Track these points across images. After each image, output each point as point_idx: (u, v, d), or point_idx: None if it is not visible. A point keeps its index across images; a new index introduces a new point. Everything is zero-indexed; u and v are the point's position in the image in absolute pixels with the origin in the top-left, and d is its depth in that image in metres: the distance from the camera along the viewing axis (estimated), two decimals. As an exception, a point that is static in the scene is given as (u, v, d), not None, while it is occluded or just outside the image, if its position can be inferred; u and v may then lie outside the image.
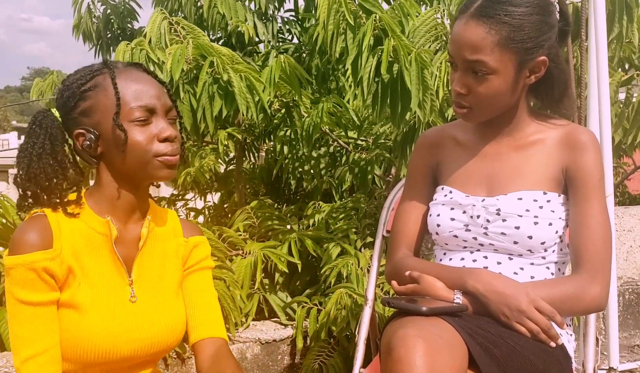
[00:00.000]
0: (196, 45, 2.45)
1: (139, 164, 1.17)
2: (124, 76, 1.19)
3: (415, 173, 1.54)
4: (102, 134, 1.17)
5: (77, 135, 1.18)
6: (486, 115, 1.37)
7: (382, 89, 2.32)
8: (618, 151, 3.68)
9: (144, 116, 1.17)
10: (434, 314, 1.19)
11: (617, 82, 3.04)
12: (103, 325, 1.14)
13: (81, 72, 1.20)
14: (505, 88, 1.32)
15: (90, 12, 3.76)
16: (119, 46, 2.48)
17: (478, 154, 1.44)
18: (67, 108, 1.18)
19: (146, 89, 1.19)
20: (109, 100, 1.16)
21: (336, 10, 2.35)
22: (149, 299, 1.22)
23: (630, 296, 3.44)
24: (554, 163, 1.37)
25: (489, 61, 1.28)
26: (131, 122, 1.16)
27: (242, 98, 2.39)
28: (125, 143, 1.15)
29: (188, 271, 1.32)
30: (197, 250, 1.33)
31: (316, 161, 3.40)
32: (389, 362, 1.09)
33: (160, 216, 1.31)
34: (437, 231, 1.43)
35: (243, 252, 2.67)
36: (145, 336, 1.19)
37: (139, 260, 1.23)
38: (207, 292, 1.32)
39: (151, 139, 1.17)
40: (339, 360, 2.42)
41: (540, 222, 1.33)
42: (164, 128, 1.18)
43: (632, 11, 2.88)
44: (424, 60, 2.23)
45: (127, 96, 1.17)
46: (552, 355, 1.25)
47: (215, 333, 1.29)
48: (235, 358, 1.29)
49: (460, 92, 1.33)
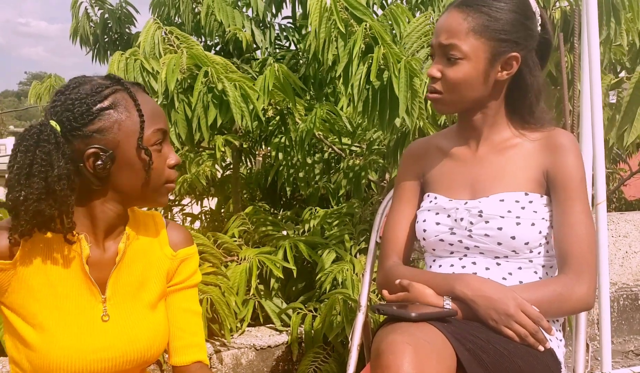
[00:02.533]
0: (190, 55, 2.47)
1: (150, 189, 1.14)
2: (139, 95, 1.14)
3: (403, 183, 1.57)
4: (118, 155, 1.11)
5: (89, 155, 1.09)
6: (456, 103, 1.40)
7: (372, 96, 2.35)
8: (614, 157, 3.70)
9: (161, 138, 1.15)
10: (423, 320, 1.19)
11: (607, 85, 3.04)
12: (71, 344, 1.11)
13: (94, 88, 1.11)
14: (475, 75, 1.35)
15: (88, 16, 3.78)
16: (114, 56, 2.50)
17: (461, 160, 1.47)
18: (79, 124, 1.08)
19: (159, 110, 1.17)
20: (132, 121, 1.11)
21: (327, 18, 2.37)
22: (123, 316, 1.17)
23: (624, 302, 3.45)
24: (534, 165, 1.39)
25: (461, 45, 1.33)
26: (151, 145, 1.13)
27: (236, 107, 2.40)
28: (149, 168, 1.12)
29: (173, 288, 1.27)
30: (185, 265, 1.28)
31: (311, 167, 3.42)
32: (377, 368, 1.10)
33: (142, 223, 1.26)
34: (423, 236, 1.45)
35: (238, 258, 2.68)
36: (117, 354, 1.15)
37: (115, 276, 1.18)
38: (192, 312, 1.29)
39: (164, 163, 1.16)
40: (334, 365, 2.43)
41: (523, 222, 1.34)
42: (172, 154, 1.17)
43: (619, 13, 2.89)
44: (413, 68, 2.26)
45: (148, 118, 1.13)
46: (541, 360, 1.26)
47: (197, 356, 1.27)
48: None
49: (434, 75, 1.37)
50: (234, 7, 3.38)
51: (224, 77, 2.41)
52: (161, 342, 1.22)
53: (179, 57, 2.43)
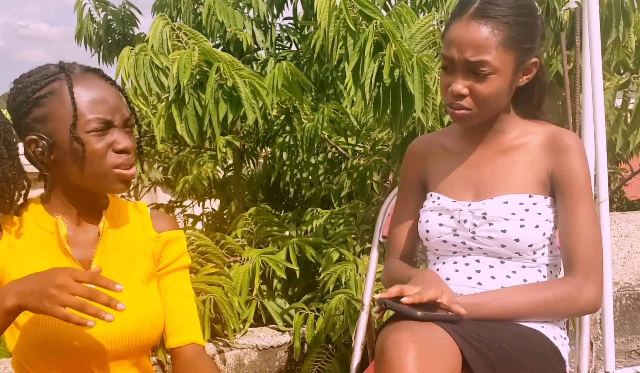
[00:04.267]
0: (202, 51, 2.46)
1: (95, 175, 1.16)
2: (81, 83, 1.15)
3: (406, 182, 1.57)
4: (56, 143, 1.15)
5: (29, 141, 1.15)
6: (483, 116, 1.37)
7: (383, 94, 2.34)
8: (615, 157, 3.70)
9: (100, 127, 1.15)
10: (430, 320, 1.19)
11: (615, 86, 3.05)
12: (55, 321, 1.11)
13: (36, 75, 1.16)
14: (504, 88, 1.33)
15: (91, 17, 3.78)
16: (123, 51, 2.48)
17: (465, 160, 1.46)
18: (20, 113, 1.15)
19: (104, 98, 1.16)
20: (65, 109, 1.14)
21: (336, 17, 2.36)
22: (112, 294, 1.16)
23: (627, 302, 3.45)
24: (539, 166, 1.38)
25: (492, 60, 1.29)
26: (88, 133, 1.14)
27: (248, 103, 2.39)
28: (83, 155, 1.14)
29: (163, 271, 1.28)
30: (170, 247, 1.29)
31: (315, 167, 3.41)
32: (382, 366, 1.10)
33: (124, 209, 1.28)
34: (426, 237, 1.45)
35: (241, 259, 2.68)
36: (110, 330, 1.15)
37: (99, 256, 1.21)
38: (184, 293, 1.30)
39: (107, 149, 1.16)
40: (337, 365, 2.42)
41: (527, 225, 1.34)
42: (119, 139, 1.17)
43: (629, 16, 2.90)
44: (425, 64, 2.24)
45: (84, 107, 1.14)
46: (546, 359, 1.26)
47: (193, 338, 1.27)
48: (215, 365, 1.28)
49: (461, 93, 1.32)
50: (235, 8, 3.38)
51: (235, 73, 2.41)
52: (154, 320, 1.22)
53: (190, 52, 2.41)
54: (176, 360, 1.27)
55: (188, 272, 1.33)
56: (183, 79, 2.31)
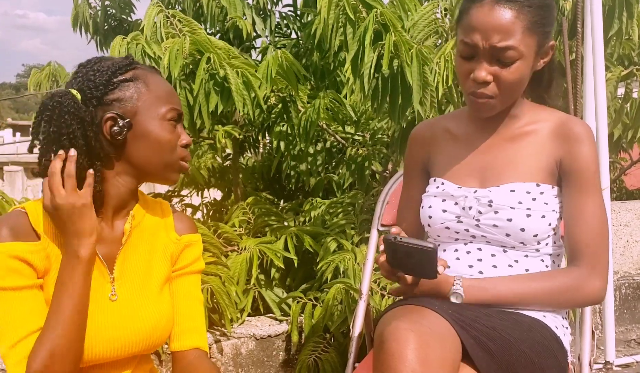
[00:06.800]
0: (193, 41, 2.43)
1: (164, 162, 1.20)
2: (156, 75, 1.22)
3: (410, 167, 1.54)
4: (134, 124, 1.16)
5: (106, 119, 1.14)
6: (504, 104, 1.34)
7: (382, 85, 2.31)
8: (616, 147, 3.68)
9: (176, 116, 1.21)
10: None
11: (617, 78, 3.04)
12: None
13: (116, 63, 1.18)
14: (527, 73, 1.31)
15: (88, 3, 3.75)
16: (115, 40, 2.46)
17: (471, 146, 1.43)
18: (99, 92, 1.14)
19: (174, 92, 1.24)
20: (151, 93, 1.18)
21: (336, 4, 2.34)
22: (131, 296, 1.19)
23: (626, 291, 3.45)
24: (547, 154, 1.35)
25: (519, 46, 1.26)
26: (168, 121, 1.19)
27: (238, 95, 2.36)
28: (159, 140, 1.17)
29: (177, 272, 1.29)
30: (188, 250, 1.30)
31: (313, 157, 3.39)
32: (381, 356, 1.08)
33: (150, 208, 1.28)
34: (429, 223, 1.43)
35: (239, 248, 2.66)
36: (126, 333, 1.16)
37: (122, 257, 1.20)
38: (194, 298, 1.30)
39: (177, 140, 1.21)
40: (334, 355, 2.42)
41: (533, 214, 1.32)
42: (184, 134, 1.23)
43: (632, 7, 2.88)
44: (424, 56, 2.22)
45: (165, 95, 1.20)
46: (547, 348, 1.25)
47: (197, 343, 1.27)
48: (216, 367, 1.27)
49: (486, 79, 1.28)
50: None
51: (227, 63, 2.38)
52: (166, 324, 1.23)
53: (181, 42, 2.38)
54: (177, 363, 1.27)
55: (200, 277, 1.34)
56: (174, 70, 2.29)
